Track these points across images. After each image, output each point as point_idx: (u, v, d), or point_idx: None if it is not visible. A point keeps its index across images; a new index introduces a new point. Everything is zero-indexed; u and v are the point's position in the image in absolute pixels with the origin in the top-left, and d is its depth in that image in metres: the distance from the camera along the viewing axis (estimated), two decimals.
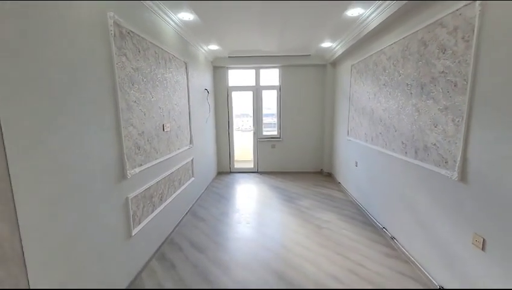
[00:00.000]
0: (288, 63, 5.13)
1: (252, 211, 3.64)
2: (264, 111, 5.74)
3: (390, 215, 2.76)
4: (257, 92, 5.48)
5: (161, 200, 2.65)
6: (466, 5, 1.67)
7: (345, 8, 2.70)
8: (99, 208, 1.71)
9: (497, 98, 1.46)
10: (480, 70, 1.56)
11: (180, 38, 3.24)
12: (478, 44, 1.58)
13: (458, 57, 1.75)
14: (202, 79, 4.35)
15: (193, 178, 3.75)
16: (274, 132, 5.68)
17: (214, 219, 3.39)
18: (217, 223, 3.28)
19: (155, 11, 2.50)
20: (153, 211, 2.47)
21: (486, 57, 1.53)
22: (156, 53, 2.54)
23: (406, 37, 2.39)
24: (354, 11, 2.75)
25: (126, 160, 1.97)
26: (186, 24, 3.09)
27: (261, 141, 5.59)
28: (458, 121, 1.74)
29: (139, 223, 2.23)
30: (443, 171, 1.89)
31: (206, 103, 4.58)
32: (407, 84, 2.37)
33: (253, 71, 5.42)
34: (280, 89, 5.41)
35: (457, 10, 1.75)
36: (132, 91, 2.09)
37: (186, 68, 3.46)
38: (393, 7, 2.34)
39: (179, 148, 3.18)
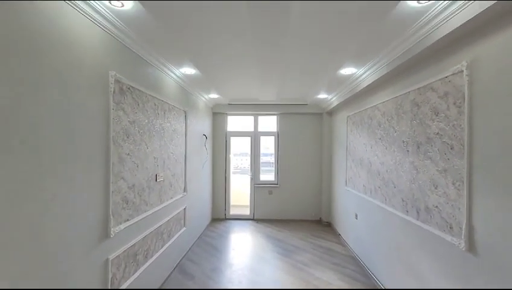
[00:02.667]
0: (286, 111, 5.28)
1: (246, 266, 3.37)
2: (263, 151, 5.70)
3: (393, 279, 2.53)
4: (255, 137, 5.53)
5: (146, 257, 2.45)
6: (454, 74, 1.74)
7: (339, 67, 2.85)
8: (72, 275, 1.54)
9: (495, 167, 1.43)
10: (476, 137, 1.56)
11: (181, 89, 3.36)
12: (470, 112, 1.60)
13: (452, 121, 1.76)
14: (201, 125, 4.42)
15: (184, 228, 3.55)
16: (271, 177, 5.59)
17: (204, 276, 3.11)
18: (207, 281, 2.99)
19: (158, 67, 2.62)
20: (135, 271, 2.26)
21: (480, 125, 1.54)
22: (155, 105, 2.60)
23: (398, 96, 2.47)
24: (347, 70, 2.90)
25: (111, 217, 1.85)
26: (188, 77, 3.23)
27: (258, 187, 5.46)
28: (459, 185, 1.69)
29: (118, 287, 2.01)
30: (448, 238, 1.77)
31: (204, 148, 4.58)
32: (403, 141, 2.37)
33: (251, 118, 5.56)
34: (278, 136, 5.47)
35: (446, 77, 1.82)
36: (126, 144, 2.07)
37: (185, 116, 3.53)
38: (384, 69, 2.47)
39: (171, 198, 3.06)
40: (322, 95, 4.35)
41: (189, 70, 2.96)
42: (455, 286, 1.73)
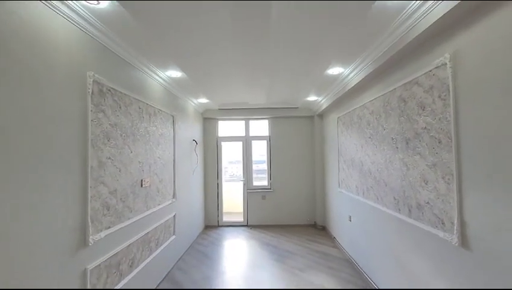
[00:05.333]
0: (277, 115, 5.26)
1: (239, 274, 3.25)
2: (257, 158, 5.67)
3: (388, 280, 2.46)
4: (247, 142, 5.48)
5: (131, 267, 2.33)
6: (438, 67, 1.73)
7: (326, 68, 2.84)
8: (45, 286, 1.44)
9: (483, 159, 1.40)
10: (463, 129, 1.54)
11: (167, 93, 3.30)
12: (456, 104, 1.58)
13: (438, 114, 1.74)
14: (191, 130, 4.35)
15: (174, 236, 3.43)
16: (264, 182, 5.52)
17: (195, 285, 2.98)
18: None
19: (141, 69, 2.57)
20: (119, 281, 2.14)
21: (466, 116, 1.52)
22: (139, 108, 2.53)
23: (385, 93, 2.46)
24: (334, 70, 2.90)
25: (89, 224, 1.75)
26: (174, 80, 3.18)
27: (251, 193, 5.37)
28: (449, 179, 1.65)
29: None
30: (441, 234, 1.72)
31: (194, 154, 4.50)
32: (392, 138, 2.35)
33: (242, 122, 5.51)
34: (270, 140, 5.43)
35: (430, 71, 1.81)
36: (107, 147, 1.99)
37: (173, 121, 3.46)
38: (370, 67, 2.46)
39: (159, 204, 2.96)
40: (312, 97, 4.35)
41: (174, 73, 2.92)
42: (451, 283, 1.67)
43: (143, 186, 2.56)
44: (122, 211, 2.19)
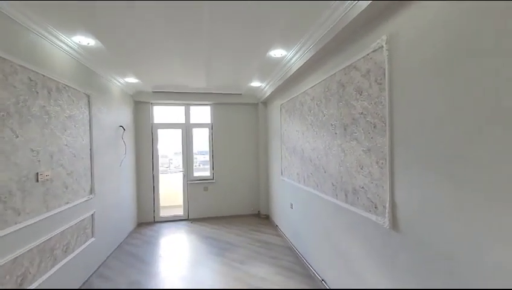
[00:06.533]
0: (220, 101, 4.94)
1: (174, 274, 2.93)
2: (200, 148, 5.30)
3: (327, 266, 2.50)
4: (187, 130, 5.04)
5: (21, 285, 1.80)
6: (375, 50, 1.70)
7: (268, 49, 2.66)
8: None
9: (413, 142, 1.40)
10: (396, 113, 1.53)
11: (79, 66, 2.67)
12: (391, 88, 1.56)
13: (374, 98, 1.72)
14: (116, 115, 3.72)
15: (93, 239, 2.88)
16: (207, 172, 5.20)
17: None
18: None
19: (33, 29, 1.95)
20: None
21: (399, 100, 1.50)
22: (30, 80, 1.93)
23: (326, 79, 2.42)
24: (276, 52, 2.74)
25: None
26: (87, 50, 2.57)
27: (191, 184, 5.00)
28: (382, 163, 1.65)
29: None
30: (373, 217, 1.74)
31: (122, 142, 3.88)
32: (332, 125, 2.32)
33: (182, 108, 5.03)
34: (212, 127, 5.10)
35: (367, 55, 1.78)
36: None
37: (88, 101, 2.84)
38: (312, 50, 2.37)
39: (67, 202, 2.39)
40: (256, 83, 4.17)
41: (85, 39, 2.33)
42: (380, 265, 1.70)
43: (39, 181, 1.99)
44: (2, 214, 1.64)
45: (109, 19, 1.99)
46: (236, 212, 5.14)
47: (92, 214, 2.88)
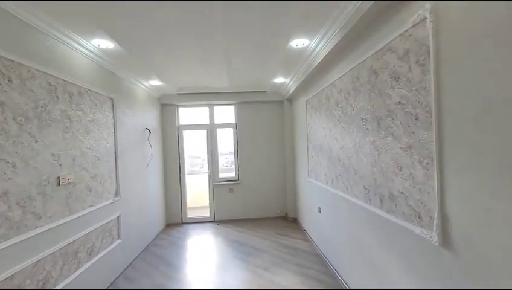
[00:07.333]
0: (244, 100, 4.81)
1: (198, 279, 2.85)
2: (223, 149, 5.24)
3: (359, 280, 2.19)
4: (211, 130, 4.99)
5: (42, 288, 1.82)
6: (415, 25, 1.39)
7: (289, 39, 2.43)
8: None
9: (472, 136, 1.08)
10: (446, 100, 1.21)
11: (101, 70, 2.71)
12: (437, 69, 1.25)
13: (415, 84, 1.41)
14: (142, 117, 3.78)
15: (119, 240, 2.92)
16: (232, 173, 5.10)
17: None
18: None
19: (51, 33, 1.98)
20: None
21: (450, 83, 1.19)
22: (50, 84, 1.95)
23: (354, 67, 2.12)
24: (298, 42, 2.50)
25: None
26: (108, 53, 2.59)
27: (217, 185, 4.94)
28: (427, 163, 1.34)
29: None
30: (418, 230, 1.43)
31: (148, 144, 3.94)
32: (362, 119, 2.02)
33: (206, 109, 5.00)
34: (237, 127, 4.99)
35: (405, 31, 1.47)
36: None
37: (112, 105, 2.88)
38: (337, 36, 2.09)
39: (92, 205, 2.43)
40: (280, 79, 3.95)
41: (104, 42, 2.34)
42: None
43: (61, 184, 2.02)
44: (21, 219, 1.66)
45: (125, 19, 1.95)
46: (262, 214, 4.96)
47: (118, 217, 2.92)
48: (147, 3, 1.76)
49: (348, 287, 2.42)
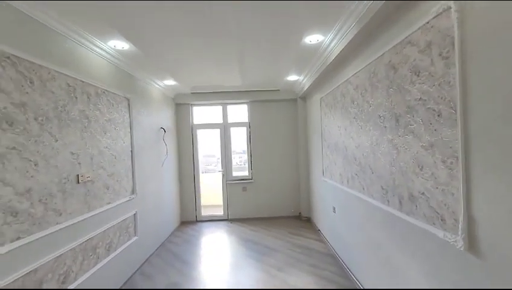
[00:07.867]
0: (257, 98, 4.78)
1: (211, 278, 2.87)
2: (236, 148, 5.25)
3: (375, 283, 2.12)
4: (225, 129, 5.01)
5: (64, 282, 1.89)
6: (438, 15, 1.30)
7: (302, 35, 2.38)
8: None
9: (501, 130, 1.00)
10: (472, 95, 1.13)
11: (118, 71, 2.77)
12: (463, 61, 1.17)
13: (438, 79, 1.33)
14: (157, 117, 3.84)
15: (136, 237, 3.00)
16: (245, 172, 5.10)
17: None
18: None
19: (70, 36, 2.04)
20: None
21: (477, 76, 1.10)
22: (69, 86, 2.02)
23: (371, 62, 2.04)
24: (312, 38, 2.44)
25: None
26: (124, 54, 2.65)
27: (230, 184, 4.95)
28: (451, 162, 1.26)
29: None
30: (440, 233, 1.34)
31: (163, 143, 4.01)
32: (380, 116, 1.94)
33: (220, 108, 5.02)
34: (250, 126, 4.98)
35: (427, 23, 1.38)
36: (8, 134, 1.50)
37: (129, 105, 2.95)
38: (354, 30, 2.02)
39: (109, 203, 2.50)
40: (293, 77, 3.89)
41: (119, 43, 2.39)
42: None
43: (80, 182, 2.09)
44: (43, 215, 1.73)
45: (139, 19, 1.98)
46: (276, 213, 4.93)
47: (134, 214, 2.99)
48: (160, 4, 1.77)
49: (363, 289, 2.35)
